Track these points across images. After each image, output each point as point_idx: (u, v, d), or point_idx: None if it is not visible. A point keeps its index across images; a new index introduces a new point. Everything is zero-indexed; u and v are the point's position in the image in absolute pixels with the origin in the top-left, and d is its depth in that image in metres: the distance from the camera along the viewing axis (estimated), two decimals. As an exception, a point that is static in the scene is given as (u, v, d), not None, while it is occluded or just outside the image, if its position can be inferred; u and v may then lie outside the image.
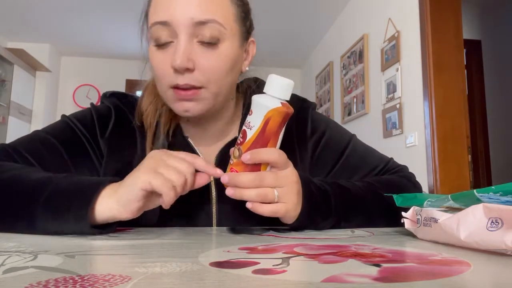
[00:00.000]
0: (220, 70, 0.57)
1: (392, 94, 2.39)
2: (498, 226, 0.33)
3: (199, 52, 0.55)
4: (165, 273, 0.26)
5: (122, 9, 3.43)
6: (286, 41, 3.98)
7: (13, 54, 3.67)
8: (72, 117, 0.66)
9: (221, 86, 0.58)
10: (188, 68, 0.54)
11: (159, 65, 0.57)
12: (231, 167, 0.50)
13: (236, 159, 0.49)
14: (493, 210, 0.33)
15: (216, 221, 0.62)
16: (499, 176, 3.32)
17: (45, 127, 0.65)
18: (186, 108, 0.57)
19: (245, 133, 0.48)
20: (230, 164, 0.50)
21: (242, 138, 0.49)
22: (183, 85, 0.55)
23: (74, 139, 0.64)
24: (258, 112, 0.47)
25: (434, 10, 2.05)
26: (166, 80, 0.56)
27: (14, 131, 3.70)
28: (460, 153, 1.98)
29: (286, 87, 0.48)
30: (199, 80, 0.55)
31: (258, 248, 0.37)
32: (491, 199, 0.35)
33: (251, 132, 0.48)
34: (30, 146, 0.61)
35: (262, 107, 0.47)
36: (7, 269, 0.26)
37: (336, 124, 0.75)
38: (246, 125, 0.48)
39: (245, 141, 0.48)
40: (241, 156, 0.48)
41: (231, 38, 0.57)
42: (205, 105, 0.58)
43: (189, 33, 0.55)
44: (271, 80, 0.48)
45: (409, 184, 0.67)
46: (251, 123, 0.48)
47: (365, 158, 0.71)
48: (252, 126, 0.48)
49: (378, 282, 0.24)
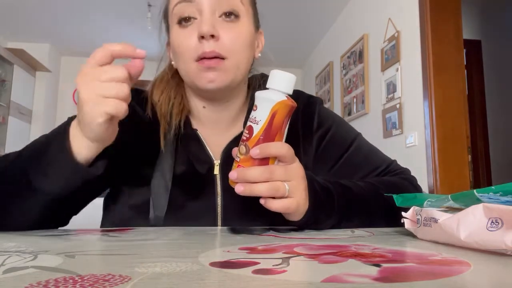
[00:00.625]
0: (240, 42, 0.61)
1: (392, 94, 2.39)
2: (498, 226, 0.33)
3: (221, 25, 0.60)
4: (165, 273, 0.26)
5: (122, 9, 3.43)
6: (286, 41, 3.98)
7: (13, 54, 3.67)
8: None
9: (241, 59, 0.62)
10: (213, 35, 0.58)
11: (184, 40, 0.60)
12: (238, 164, 0.49)
13: (243, 155, 0.48)
14: (493, 210, 0.33)
15: (221, 215, 0.63)
16: (499, 176, 3.32)
17: None
18: (211, 78, 0.59)
19: (251, 129, 0.48)
20: (236, 162, 0.49)
21: (248, 134, 0.48)
22: (209, 52, 0.58)
23: None
24: (264, 106, 0.47)
25: (434, 10, 2.05)
26: (191, 52, 0.59)
27: (14, 131, 3.71)
28: (460, 153, 1.98)
29: (289, 81, 0.48)
30: (223, 48, 0.59)
31: (258, 248, 0.37)
32: (491, 199, 0.35)
33: (257, 127, 0.47)
34: None
35: (267, 101, 0.47)
36: (7, 269, 0.26)
37: (342, 121, 0.75)
38: (252, 121, 0.48)
39: (252, 137, 0.47)
40: (248, 152, 0.47)
41: (247, 17, 0.63)
42: (228, 76, 0.61)
43: (213, 8, 0.59)
44: (274, 75, 0.48)
45: (410, 186, 0.67)
46: (257, 118, 0.47)
47: (369, 158, 0.71)
48: (259, 121, 0.47)
49: (378, 282, 0.24)
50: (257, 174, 0.47)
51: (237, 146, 0.50)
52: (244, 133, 0.49)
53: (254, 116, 0.48)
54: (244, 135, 0.49)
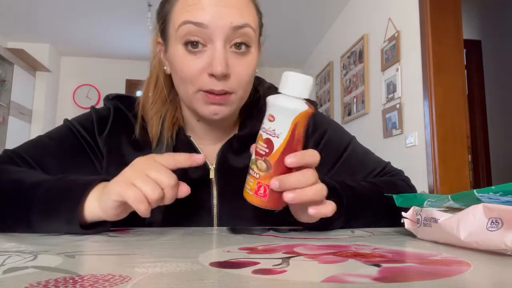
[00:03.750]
0: (249, 76, 0.58)
1: (392, 94, 2.39)
2: (498, 226, 0.33)
3: (233, 59, 0.56)
4: (165, 273, 0.26)
5: (122, 9, 3.43)
6: (286, 41, 3.98)
7: (13, 54, 3.67)
8: (74, 121, 0.66)
9: (247, 91, 0.60)
10: (225, 75, 0.55)
11: (190, 68, 0.55)
12: (258, 181, 0.44)
13: (264, 172, 0.43)
14: (493, 210, 0.33)
15: (217, 219, 0.63)
16: (499, 176, 3.32)
17: (48, 132, 0.67)
18: (216, 112, 0.58)
19: (270, 143, 0.43)
20: (254, 178, 0.44)
21: (268, 149, 0.43)
22: (219, 91, 0.55)
23: (75, 143, 0.64)
24: (284, 117, 0.42)
25: (434, 10, 2.05)
26: (197, 84, 0.56)
27: (14, 131, 3.71)
28: (460, 153, 1.98)
29: (306, 84, 0.43)
30: (232, 86, 0.56)
31: (258, 248, 0.37)
32: (491, 199, 0.35)
33: (278, 141, 0.42)
34: (32, 150, 0.62)
35: (288, 112, 0.42)
36: (7, 269, 0.26)
37: (337, 125, 0.75)
38: (270, 133, 0.43)
39: (273, 152, 0.43)
40: (270, 169, 0.43)
41: (255, 44, 0.59)
42: (232, 108, 0.59)
43: (226, 38, 0.54)
44: (290, 78, 0.43)
45: (406, 187, 0.68)
46: (277, 131, 0.42)
47: (364, 161, 0.72)
48: (279, 134, 0.42)
49: (378, 282, 0.24)
50: (302, 179, 0.43)
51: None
52: (260, 146, 0.44)
53: (273, 129, 0.43)
54: (260, 148, 0.44)
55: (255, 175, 0.44)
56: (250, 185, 0.45)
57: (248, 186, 0.45)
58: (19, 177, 0.54)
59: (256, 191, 0.44)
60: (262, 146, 0.43)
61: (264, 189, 0.43)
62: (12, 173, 0.56)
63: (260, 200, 0.44)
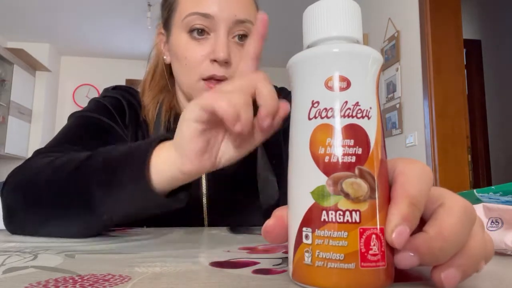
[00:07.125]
0: None
1: (392, 94, 2.39)
2: (498, 226, 0.33)
3: (234, 48, 0.59)
4: (165, 273, 0.25)
5: (122, 9, 3.43)
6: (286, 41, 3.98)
7: (13, 54, 3.67)
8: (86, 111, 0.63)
9: None
10: (227, 62, 0.57)
11: (193, 55, 0.58)
12: (362, 228, 0.21)
13: (367, 201, 0.21)
14: (493, 210, 0.33)
15: (207, 215, 0.64)
16: (499, 176, 3.32)
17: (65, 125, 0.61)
18: None
19: (360, 134, 0.22)
20: (348, 201, 0.21)
21: (360, 147, 0.22)
22: (220, 77, 0.57)
23: (102, 124, 0.62)
24: (366, 74, 0.24)
25: (434, 10, 2.05)
26: (199, 70, 0.58)
27: (14, 130, 3.71)
28: (460, 153, 1.98)
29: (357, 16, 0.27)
30: (232, 75, 0.58)
31: (258, 248, 0.37)
32: (491, 199, 0.35)
33: (373, 125, 0.22)
34: (68, 136, 0.58)
35: (372, 59, 0.25)
36: (7, 269, 0.26)
37: None
38: (352, 114, 0.22)
39: (370, 151, 0.22)
40: (375, 192, 0.21)
41: None
42: None
43: (229, 29, 0.58)
44: (333, 10, 0.25)
45: None
46: (363, 105, 0.23)
47: None
48: (369, 110, 0.22)
49: (378, 282, 0.23)
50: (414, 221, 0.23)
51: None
52: (343, 146, 0.22)
53: (355, 102, 0.22)
54: (346, 154, 0.21)
55: (349, 198, 0.21)
56: (335, 248, 0.21)
57: (324, 253, 0.21)
58: (67, 158, 0.46)
59: (364, 254, 0.21)
60: (346, 145, 0.22)
61: (379, 244, 0.21)
62: (57, 158, 0.47)
63: (380, 275, 0.21)
